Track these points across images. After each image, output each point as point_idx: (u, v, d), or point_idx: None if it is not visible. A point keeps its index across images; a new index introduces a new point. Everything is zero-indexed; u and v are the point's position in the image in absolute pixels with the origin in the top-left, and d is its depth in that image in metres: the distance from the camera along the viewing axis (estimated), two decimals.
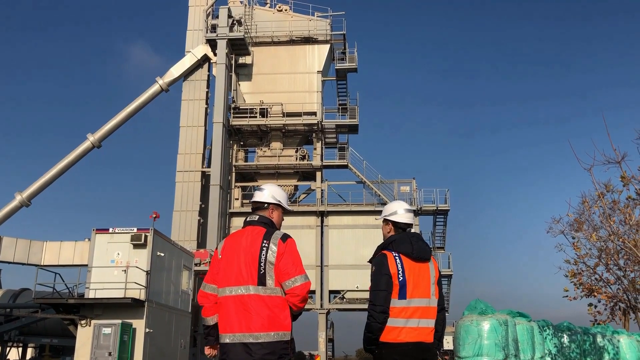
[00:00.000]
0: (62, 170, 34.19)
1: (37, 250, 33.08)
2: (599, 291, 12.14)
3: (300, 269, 3.96)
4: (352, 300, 32.80)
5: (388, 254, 4.30)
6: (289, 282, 3.92)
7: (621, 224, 12.30)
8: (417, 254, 4.29)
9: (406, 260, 4.27)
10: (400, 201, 4.68)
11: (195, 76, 36.23)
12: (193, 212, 33.89)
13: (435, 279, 4.39)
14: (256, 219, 4.17)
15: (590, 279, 12.50)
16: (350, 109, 36.41)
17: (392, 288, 4.18)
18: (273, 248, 3.97)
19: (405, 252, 4.27)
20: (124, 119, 35.31)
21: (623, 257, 12.25)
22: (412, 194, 33.90)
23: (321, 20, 36.92)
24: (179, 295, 22.73)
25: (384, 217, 4.56)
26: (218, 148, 32.93)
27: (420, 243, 4.37)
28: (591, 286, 12.01)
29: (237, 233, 4.18)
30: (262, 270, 3.94)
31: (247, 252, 4.00)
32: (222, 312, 4.02)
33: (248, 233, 4.10)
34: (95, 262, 19.42)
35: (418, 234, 4.53)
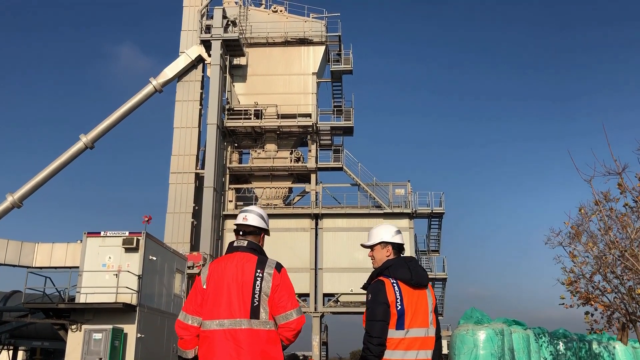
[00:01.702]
0: (55, 171, 33.87)
1: (29, 251, 32.79)
2: (596, 300, 12.00)
3: (295, 302, 3.74)
4: (346, 304, 32.65)
5: (386, 280, 4.05)
6: (283, 315, 3.68)
7: (619, 232, 12.17)
8: (416, 280, 4.07)
9: (404, 287, 4.04)
10: (385, 224, 4.47)
11: (189, 77, 35.97)
12: (186, 214, 33.64)
13: (432, 307, 4.18)
14: (245, 245, 3.89)
15: (587, 287, 12.37)
16: (345, 110, 36.27)
17: (389, 318, 3.93)
18: (268, 278, 3.71)
19: (403, 279, 4.05)
20: (117, 120, 35.02)
21: (620, 265, 12.12)
22: (406, 197, 33.77)
23: (316, 21, 36.75)
24: (172, 299, 22.48)
25: (379, 241, 4.32)
26: (212, 150, 32.70)
27: (419, 268, 4.14)
28: (588, 294, 11.88)
29: (223, 259, 3.87)
30: (256, 302, 3.66)
31: (238, 282, 3.71)
32: (206, 346, 3.70)
33: (237, 260, 3.80)
34: (86, 266, 19.15)
35: (414, 258, 4.32)
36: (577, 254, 12.92)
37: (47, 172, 33.54)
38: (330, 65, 36.75)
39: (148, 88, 35.23)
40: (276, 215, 33.94)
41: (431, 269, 34.35)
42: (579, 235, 12.01)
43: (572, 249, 12.53)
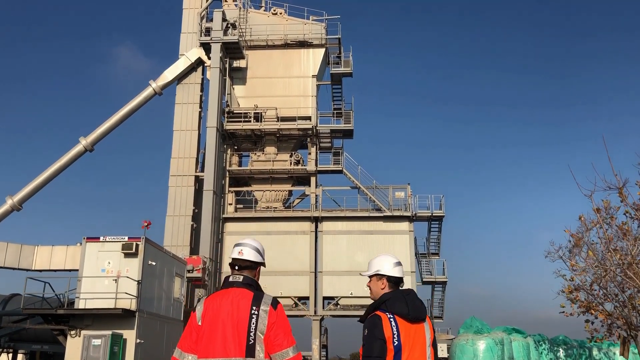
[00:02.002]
0: (54, 174, 33.82)
1: (28, 254, 32.74)
2: (596, 309, 11.97)
3: (291, 339, 3.69)
4: (346, 307, 32.60)
5: (382, 315, 3.97)
6: (279, 354, 3.62)
7: (620, 240, 12.14)
8: (413, 314, 4.00)
9: (401, 322, 3.96)
10: (386, 254, 4.38)
11: (189, 79, 35.91)
12: (186, 217, 33.57)
13: (430, 341, 4.11)
14: (240, 280, 3.82)
15: (587, 296, 12.34)
16: (345, 113, 36.21)
17: (386, 354, 3.86)
18: (263, 315, 3.66)
19: (400, 313, 3.97)
20: (117, 122, 34.97)
21: (621, 273, 12.08)
22: (406, 200, 33.72)
23: (316, 24, 36.70)
24: (171, 303, 22.47)
25: (375, 273, 4.26)
26: (212, 153, 32.65)
27: (416, 302, 4.07)
28: (588, 303, 11.84)
29: (219, 295, 3.81)
30: (251, 341, 3.60)
31: (233, 319, 3.65)
32: None
33: (232, 296, 3.74)
34: (85, 271, 19.16)
35: (413, 291, 4.25)
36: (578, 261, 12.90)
37: (47, 175, 33.50)
38: (330, 68, 36.70)
39: (148, 91, 35.18)
40: (276, 218, 33.94)
41: (431, 272, 34.33)
42: (579, 244, 11.98)
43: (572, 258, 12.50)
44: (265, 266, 4.04)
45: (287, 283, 32.69)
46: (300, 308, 32.57)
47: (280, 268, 32.87)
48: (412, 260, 32.82)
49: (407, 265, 32.59)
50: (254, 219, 34.07)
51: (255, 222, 34.00)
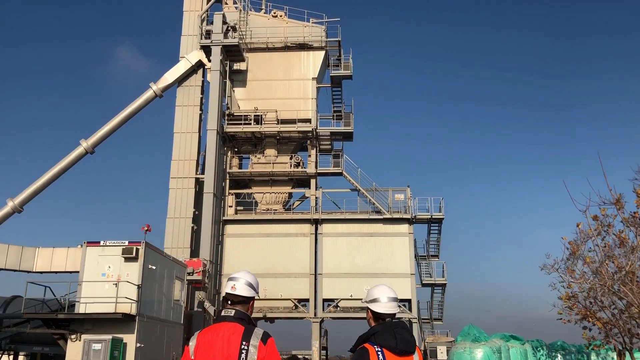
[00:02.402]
0: (55, 176, 33.92)
1: (29, 256, 32.83)
2: (593, 316, 12.03)
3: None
4: (346, 309, 32.68)
5: (370, 348, 4.02)
6: None
7: (617, 247, 12.20)
8: (401, 347, 4.05)
9: (389, 354, 4.02)
10: (384, 287, 4.40)
11: (189, 82, 36.01)
12: (187, 220, 33.67)
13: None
14: (232, 315, 3.89)
15: (585, 302, 12.40)
16: (345, 115, 36.28)
17: None
18: (252, 351, 3.72)
19: (388, 346, 4.03)
20: (117, 125, 35.06)
21: (617, 281, 12.15)
22: (406, 202, 33.80)
23: (316, 26, 36.77)
24: (171, 306, 22.55)
25: (369, 304, 4.33)
26: (212, 156, 32.73)
27: (405, 334, 4.13)
28: (586, 311, 11.91)
29: (211, 330, 3.88)
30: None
31: (224, 354, 3.72)
32: None
33: (224, 331, 3.81)
34: (86, 275, 19.24)
35: (403, 324, 4.31)
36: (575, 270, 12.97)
37: (48, 177, 33.60)
38: (330, 70, 36.77)
39: (148, 93, 35.28)
40: (276, 220, 34.02)
41: (431, 274, 34.40)
42: (576, 253, 12.05)
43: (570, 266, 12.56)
44: (259, 296, 4.09)
45: (287, 285, 32.77)
46: (300, 310, 32.65)
47: (280, 270, 32.99)
48: (411, 262, 32.89)
49: (407, 268, 32.68)
50: (254, 221, 34.15)
51: (255, 224, 34.09)
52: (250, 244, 33.74)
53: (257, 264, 33.22)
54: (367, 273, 32.63)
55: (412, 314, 32.14)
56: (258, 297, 4.11)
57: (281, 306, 32.88)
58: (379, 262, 32.84)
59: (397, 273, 32.56)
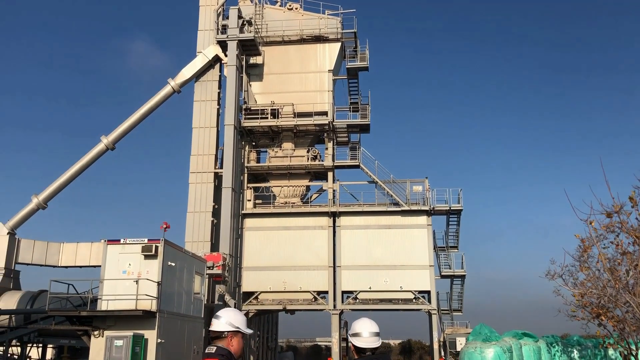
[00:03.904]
0: (77, 172, 34.60)
1: (55, 251, 33.69)
2: (607, 315, 11.98)
3: None
4: (365, 301, 32.86)
5: None
6: None
7: (630, 245, 12.09)
8: None
9: None
10: (366, 321, 4.48)
11: (206, 77, 36.30)
12: (206, 213, 34.13)
13: None
14: (213, 352, 4.03)
15: (598, 301, 12.34)
16: (361, 107, 36.20)
17: None
18: None
19: None
20: (137, 121, 35.57)
21: (632, 276, 12.07)
22: (424, 194, 33.70)
23: (332, 18, 36.63)
24: (191, 301, 22.97)
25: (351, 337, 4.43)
26: (230, 151, 33.01)
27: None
28: (599, 310, 11.86)
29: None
30: None
31: None
32: None
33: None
34: (107, 272, 19.71)
35: (386, 356, 4.41)
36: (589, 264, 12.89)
37: (71, 174, 34.28)
38: (346, 62, 36.65)
39: (166, 89, 35.67)
40: (294, 213, 34.24)
41: (450, 265, 34.34)
42: (588, 250, 11.98)
43: (583, 263, 12.49)
44: (245, 333, 4.21)
45: (306, 278, 33.06)
46: (319, 302, 32.94)
47: (299, 263, 33.27)
48: (430, 254, 32.87)
49: (426, 259, 32.68)
50: (272, 214, 34.44)
51: (274, 217, 34.38)
52: (269, 237, 34.06)
53: (275, 257, 33.58)
54: (386, 265, 32.72)
55: (432, 305, 32.18)
56: (244, 332, 4.23)
57: (301, 298, 33.19)
58: (397, 254, 32.90)
59: (415, 265, 32.59)
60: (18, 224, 32.43)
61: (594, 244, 11.15)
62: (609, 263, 11.85)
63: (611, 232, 12.18)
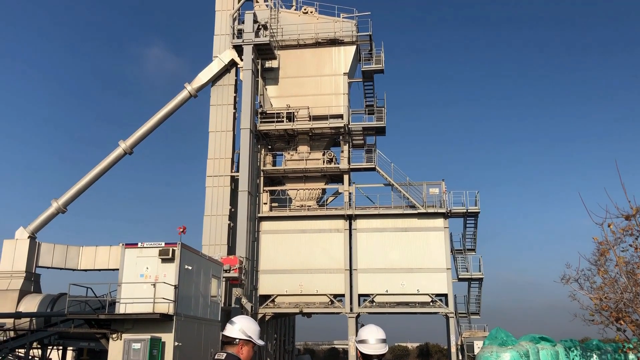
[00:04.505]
0: (96, 176, 35.04)
1: (74, 255, 34.12)
2: (626, 318, 11.80)
3: None
4: (381, 304, 32.75)
5: None
6: None
7: None
8: None
9: None
10: (373, 328, 4.49)
11: (223, 81, 36.56)
12: (223, 217, 34.33)
13: None
14: (223, 358, 4.05)
15: (616, 305, 12.16)
16: (377, 110, 36.15)
17: None
18: None
19: None
20: (154, 125, 35.94)
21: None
22: (441, 196, 33.52)
23: (347, 21, 36.67)
24: (208, 304, 23.11)
25: (355, 342, 4.47)
26: (246, 154, 33.19)
27: None
28: (617, 314, 11.68)
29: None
30: None
31: None
32: None
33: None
34: (125, 276, 19.92)
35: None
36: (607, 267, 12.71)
37: (90, 178, 34.73)
38: (362, 65, 36.64)
39: (183, 93, 36.00)
40: (310, 216, 34.29)
41: (467, 268, 34.08)
42: (606, 254, 11.81)
43: (601, 266, 12.33)
44: (257, 344, 4.22)
45: (322, 281, 33.07)
46: (336, 305, 32.92)
47: (316, 266, 33.30)
48: (447, 256, 32.67)
49: (443, 262, 32.50)
50: (288, 217, 34.52)
51: (290, 220, 34.45)
52: (285, 240, 34.15)
53: (292, 260, 33.65)
54: (403, 268, 32.60)
55: (449, 308, 31.98)
56: (256, 343, 4.24)
57: (317, 301, 33.21)
58: (414, 257, 32.77)
59: (432, 268, 32.42)
60: (38, 227, 32.92)
61: (612, 247, 11.00)
62: (627, 266, 11.69)
63: (630, 235, 12.00)
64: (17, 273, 30.62)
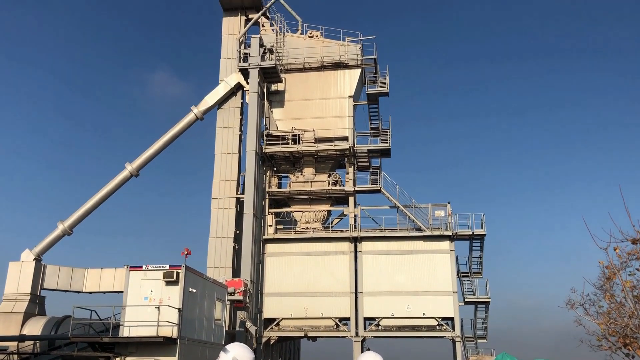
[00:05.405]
0: (103, 199, 35.17)
1: (79, 277, 34.07)
2: (635, 344, 11.62)
3: None
4: (387, 328, 32.44)
5: None
6: None
7: None
8: None
9: None
10: (371, 354, 4.48)
11: (229, 104, 36.89)
12: (228, 239, 34.32)
13: None
14: None
15: (624, 331, 11.98)
16: (382, 132, 36.27)
17: None
18: None
19: None
20: (161, 148, 36.16)
21: None
22: (446, 219, 33.41)
23: (352, 45, 37.04)
24: (212, 327, 22.98)
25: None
26: (251, 177, 33.30)
27: None
28: (625, 340, 11.50)
29: None
30: None
31: None
32: None
33: None
34: (129, 299, 19.88)
35: None
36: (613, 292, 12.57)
37: (95, 200, 34.85)
38: (366, 88, 36.90)
39: (190, 116, 36.31)
40: (315, 239, 34.22)
41: (473, 291, 33.78)
42: (613, 277, 11.68)
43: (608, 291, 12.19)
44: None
45: (327, 304, 32.85)
46: (341, 329, 32.63)
47: (321, 289, 33.12)
48: (454, 279, 32.43)
49: (449, 285, 32.25)
50: (293, 239, 34.46)
51: (295, 242, 34.38)
52: (290, 263, 34.04)
53: (297, 283, 33.50)
54: (409, 291, 32.37)
55: (455, 332, 31.63)
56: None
57: (322, 325, 32.94)
58: (420, 280, 32.56)
59: (438, 291, 32.18)
60: (44, 250, 32.98)
61: (617, 271, 10.89)
62: (633, 291, 11.55)
63: (636, 260, 11.89)
64: (22, 295, 30.59)
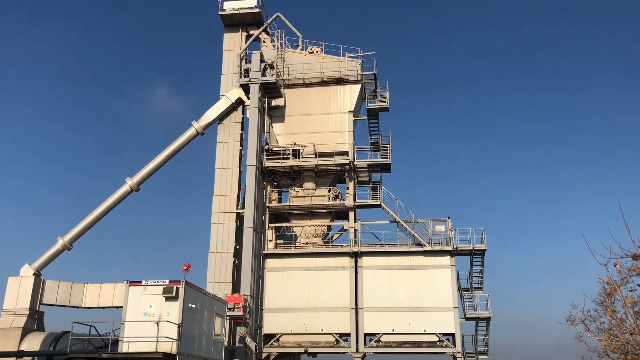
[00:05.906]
0: (103, 214, 35.15)
1: (78, 292, 33.92)
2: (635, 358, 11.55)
3: None
4: (388, 344, 32.24)
5: None
6: None
7: None
8: None
9: None
10: None
11: (229, 119, 37.05)
12: (228, 254, 34.26)
13: None
14: None
15: (624, 348, 11.91)
16: (382, 147, 36.37)
17: None
18: None
19: None
20: (161, 162, 36.22)
21: None
22: (447, 234, 33.36)
23: (352, 60, 37.28)
24: (212, 343, 22.85)
25: None
26: (251, 192, 33.33)
27: None
28: (626, 357, 11.44)
29: None
30: None
31: None
32: None
33: None
34: (128, 314, 19.81)
35: None
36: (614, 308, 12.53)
37: (96, 215, 34.83)
38: (366, 103, 37.07)
39: (190, 131, 36.43)
40: (315, 254, 34.15)
41: (474, 307, 33.60)
42: (614, 293, 11.64)
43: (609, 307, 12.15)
44: None
45: (327, 319, 32.69)
46: (341, 345, 32.43)
47: (321, 304, 32.99)
48: (454, 295, 32.29)
49: (450, 301, 32.12)
50: (293, 254, 34.39)
51: (295, 257, 34.31)
52: (290, 278, 33.94)
53: (297, 298, 33.37)
54: (409, 307, 32.23)
55: (457, 348, 31.42)
56: None
57: (322, 341, 32.74)
58: (420, 295, 32.43)
59: (439, 307, 32.04)
60: (44, 265, 32.89)
61: (618, 287, 10.86)
62: (634, 307, 11.50)
63: (637, 275, 11.87)
64: (20, 311, 30.43)
